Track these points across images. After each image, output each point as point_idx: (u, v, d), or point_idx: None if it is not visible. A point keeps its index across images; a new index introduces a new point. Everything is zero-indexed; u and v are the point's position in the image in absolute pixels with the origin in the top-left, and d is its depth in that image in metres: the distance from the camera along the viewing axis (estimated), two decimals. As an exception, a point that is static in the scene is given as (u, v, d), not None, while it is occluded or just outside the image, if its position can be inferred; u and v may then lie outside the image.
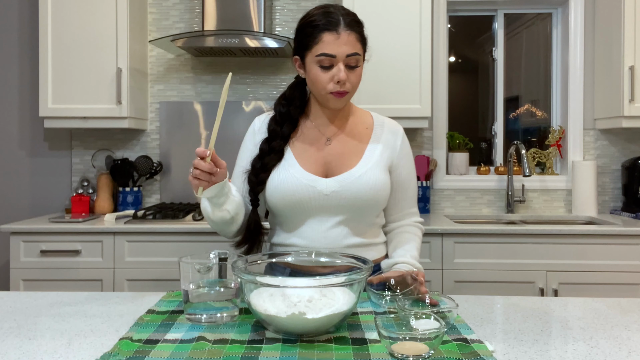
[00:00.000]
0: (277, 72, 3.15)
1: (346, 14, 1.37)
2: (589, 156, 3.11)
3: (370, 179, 1.40)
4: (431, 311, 1.03)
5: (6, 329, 1.10)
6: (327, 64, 1.35)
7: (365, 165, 1.42)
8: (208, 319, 1.11)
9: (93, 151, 3.13)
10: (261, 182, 1.43)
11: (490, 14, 3.31)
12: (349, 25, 1.34)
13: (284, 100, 1.49)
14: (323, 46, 1.34)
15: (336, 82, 1.35)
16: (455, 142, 3.13)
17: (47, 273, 2.52)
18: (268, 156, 1.43)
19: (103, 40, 2.77)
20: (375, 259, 1.48)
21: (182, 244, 2.52)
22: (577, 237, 2.49)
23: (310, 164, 1.43)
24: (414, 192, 1.56)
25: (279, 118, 1.47)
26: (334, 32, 1.33)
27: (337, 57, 1.34)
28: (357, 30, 1.36)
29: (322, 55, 1.34)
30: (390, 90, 2.73)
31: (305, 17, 1.40)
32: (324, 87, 1.37)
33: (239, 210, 1.39)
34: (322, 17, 1.35)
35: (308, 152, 1.45)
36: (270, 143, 1.44)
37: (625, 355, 0.97)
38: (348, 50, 1.34)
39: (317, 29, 1.35)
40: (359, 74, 1.39)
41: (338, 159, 1.44)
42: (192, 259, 1.16)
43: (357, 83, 1.40)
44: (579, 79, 3.10)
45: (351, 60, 1.35)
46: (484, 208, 3.11)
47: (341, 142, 1.46)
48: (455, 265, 2.51)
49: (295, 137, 1.47)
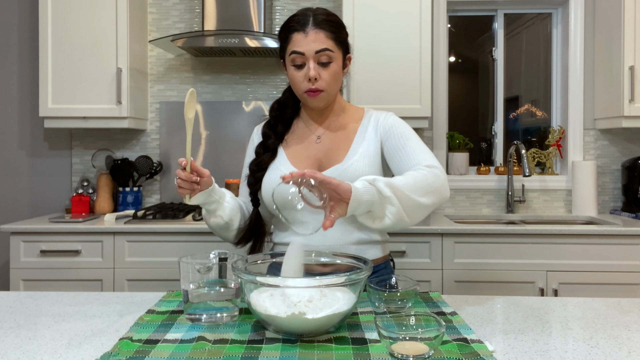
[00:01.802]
0: (277, 72, 3.15)
1: (319, 13, 1.41)
2: (589, 156, 3.11)
3: (356, 170, 1.40)
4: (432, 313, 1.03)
5: (6, 329, 1.10)
6: (299, 62, 1.39)
7: (351, 158, 1.43)
8: (208, 319, 1.11)
9: (93, 151, 3.13)
10: (257, 181, 1.47)
11: (490, 14, 3.31)
12: (317, 23, 1.38)
13: (277, 104, 1.54)
14: (293, 45, 1.39)
15: (307, 80, 1.39)
16: (455, 142, 3.13)
17: (47, 273, 2.52)
18: (262, 155, 1.49)
19: (103, 40, 2.77)
20: (376, 257, 1.47)
21: (182, 244, 2.52)
22: (577, 237, 2.49)
23: (301, 162, 1.46)
24: (414, 148, 1.39)
25: (272, 121, 1.52)
26: (302, 32, 1.38)
27: (305, 54, 1.38)
28: (327, 28, 1.39)
29: (293, 53, 1.39)
30: (390, 90, 2.73)
31: (285, 21, 1.45)
32: (299, 87, 1.41)
33: (234, 216, 1.44)
34: (293, 19, 1.42)
35: (299, 151, 1.48)
36: (264, 144, 1.50)
37: (625, 355, 0.97)
38: (316, 46, 1.37)
39: (288, 30, 1.41)
40: (333, 72, 1.40)
41: (327, 155, 1.46)
42: (192, 259, 1.16)
43: (332, 81, 1.41)
44: (579, 79, 3.10)
45: (322, 56, 1.38)
46: (484, 208, 3.11)
47: (330, 139, 1.48)
48: (455, 265, 2.51)
49: (288, 137, 1.52)
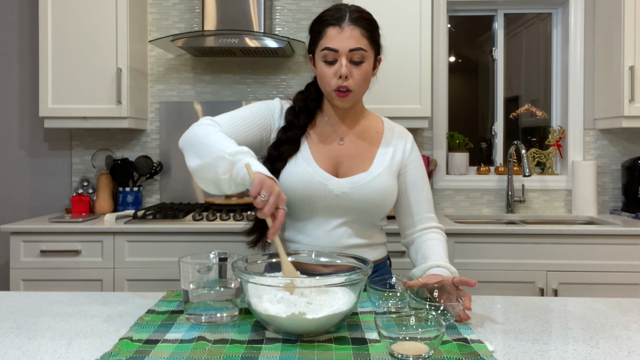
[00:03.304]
0: (277, 72, 3.15)
1: (355, 10, 1.38)
2: (589, 156, 3.11)
3: (381, 183, 1.41)
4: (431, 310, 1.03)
5: (6, 329, 1.10)
6: (331, 59, 1.35)
7: (377, 170, 1.43)
8: (208, 319, 1.11)
9: (93, 151, 3.13)
10: (276, 171, 1.41)
11: (490, 14, 3.31)
12: (354, 20, 1.35)
13: (301, 94, 1.49)
14: (326, 40, 1.35)
15: (338, 77, 1.35)
16: (455, 142, 3.13)
17: (47, 273, 2.52)
18: (284, 145, 1.43)
19: (103, 40, 2.77)
20: (376, 259, 1.48)
21: (182, 244, 2.52)
22: (577, 237, 2.49)
23: (323, 161, 1.43)
24: (427, 196, 1.51)
25: (296, 109, 1.47)
26: (337, 27, 1.34)
27: (339, 52, 1.34)
28: (363, 26, 1.36)
29: (326, 49, 1.35)
30: (390, 90, 2.73)
31: (318, 15, 1.41)
32: (329, 83, 1.37)
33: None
34: (329, 12, 1.38)
35: (322, 149, 1.45)
36: (287, 132, 1.44)
37: (625, 355, 0.97)
38: (351, 44, 1.34)
39: (323, 24, 1.37)
40: (364, 72, 1.38)
41: (350, 160, 1.44)
42: (192, 259, 1.16)
43: (362, 81, 1.39)
44: (579, 79, 3.10)
45: (355, 55, 1.35)
46: (484, 208, 3.11)
47: (353, 143, 1.46)
48: (455, 265, 2.47)
49: (311, 130, 1.48)
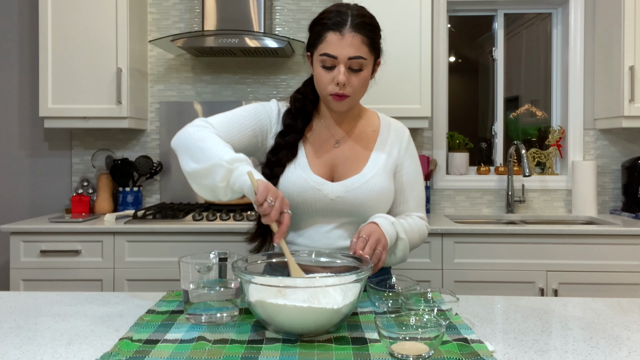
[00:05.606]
0: (277, 72, 3.15)
1: (357, 15, 1.34)
2: (589, 156, 3.11)
3: (375, 184, 1.40)
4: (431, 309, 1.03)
5: (6, 329, 1.10)
6: (329, 65, 1.33)
7: (370, 171, 1.42)
8: (208, 319, 1.11)
9: (93, 151, 3.13)
10: (275, 176, 1.41)
11: (490, 14, 3.31)
12: (355, 26, 1.31)
13: (299, 94, 1.47)
14: (326, 45, 1.32)
15: (335, 84, 1.33)
16: (455, 142, 3.13)
17: (47, 273, 2.52)
18: (283, 151, 1.42)
19: (103, 40, 2.77)
20: (373, 259, 1.48)
21: (182, 244, 2.52)
22: (577, 237, 2.49)
23: (319, 166, 1.42)
24: (419, 195, 1.51)
25: (294, 111, 1.45)
26: (338, 33, 1.31)
27: (338, 59, 1.31)
28: (365, 33, 1.32)
29: (324, 55, 1.32)
30: (390, 90, 2.73)
31: (320, 14, 1.38)
32: (325, 88, 1.36)
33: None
34: (332, 15, 1.34)
35: (318, 153, 1.44)
36: (285, 137, 1.43)
37: (625, 355, 0.97)
38: (351, 53, 1.31)
39: (324, 27, 1.33)
40: (363, 79, 1.36)
41: (345, 163, 1.43)
42: (192, 259, 1.16)
43: (360, 88, 1.37)
44: (579, 79, 3.10)
45: (353, 63, 1.32)
46: (484, 208, 3.11)
47: (349, 146, 1.45)
48: (455, 265, 2.51)
49: (308, 133, 1.46)
